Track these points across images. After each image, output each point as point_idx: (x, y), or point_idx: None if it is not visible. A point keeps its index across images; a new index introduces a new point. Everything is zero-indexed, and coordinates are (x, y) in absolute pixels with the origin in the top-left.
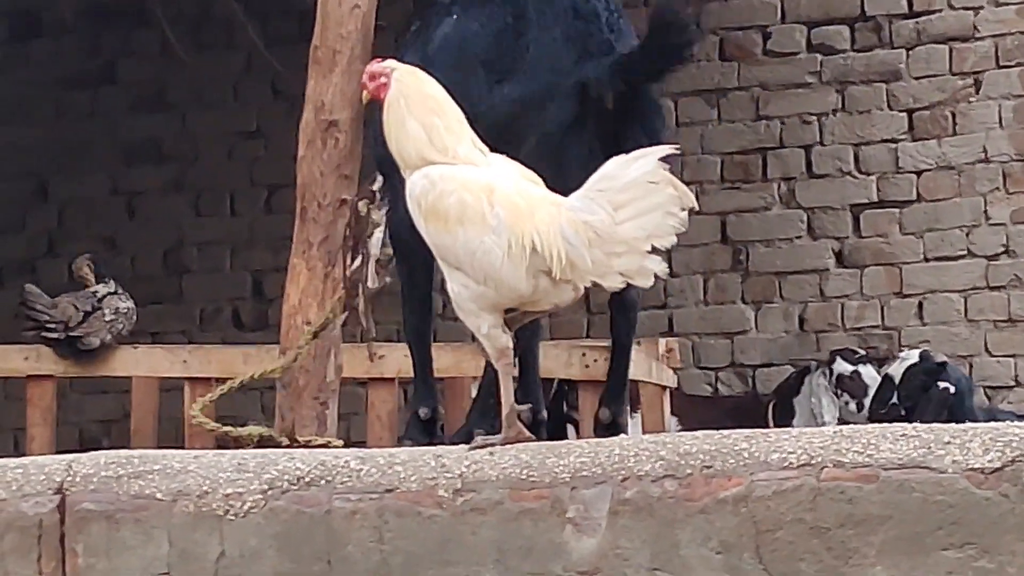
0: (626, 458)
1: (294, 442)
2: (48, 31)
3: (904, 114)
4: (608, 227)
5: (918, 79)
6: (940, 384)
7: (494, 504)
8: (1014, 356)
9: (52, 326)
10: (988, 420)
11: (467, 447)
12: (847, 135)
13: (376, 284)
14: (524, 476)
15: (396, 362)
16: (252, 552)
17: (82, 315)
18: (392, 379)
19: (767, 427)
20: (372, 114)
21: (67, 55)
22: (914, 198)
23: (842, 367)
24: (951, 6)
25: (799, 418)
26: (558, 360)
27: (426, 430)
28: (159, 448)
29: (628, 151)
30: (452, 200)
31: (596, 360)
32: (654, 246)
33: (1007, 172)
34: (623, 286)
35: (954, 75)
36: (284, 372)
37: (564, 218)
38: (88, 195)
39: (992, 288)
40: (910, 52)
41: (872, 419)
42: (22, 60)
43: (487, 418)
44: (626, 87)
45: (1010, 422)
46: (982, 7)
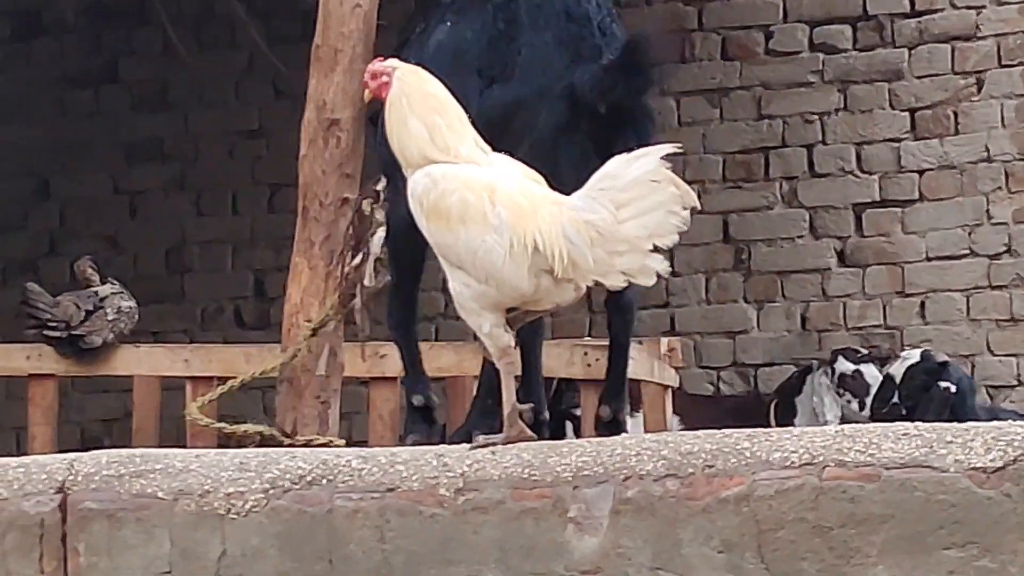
0: (628, 457)
1: (295, 441)
2: (49, 30)
3: (906, 113)
4: (610, 226)
5: (920, 78)
6: (941, 384)
7: (496, 503)
8: (1016, 355)
9: (54, 325)
10: (990, 419)
11: (469, 446)
12: (849, 134)
13: (375, 283)
14: (526, 475)
15: (397, 361)
16: (254, 551)
17: (84, 314)
18: (394, 378)
19: (769, 426)
20: (381, 115)
21: (69, 54)
22: (916, 197)
23: (844, 366)
24: (953, 5)
25: (801, 417)
26: (560, 359)
27: (425, 418)
28: (161, 447)
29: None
30: (454, 199)
31: (598, 359)
32: (656, 245)
33: (1009, 171)
34: (625, 285)
35: (956, 74)
36: (283, 368)
37: (566, 217)
38: (90, 194)
39: (994, 287)
40: (912, 51)
41: (874, 418)
42: (23, 59)
43: (486, 418)
44: (605, 99)
45: (1012, 421)
46: (984, 6)
